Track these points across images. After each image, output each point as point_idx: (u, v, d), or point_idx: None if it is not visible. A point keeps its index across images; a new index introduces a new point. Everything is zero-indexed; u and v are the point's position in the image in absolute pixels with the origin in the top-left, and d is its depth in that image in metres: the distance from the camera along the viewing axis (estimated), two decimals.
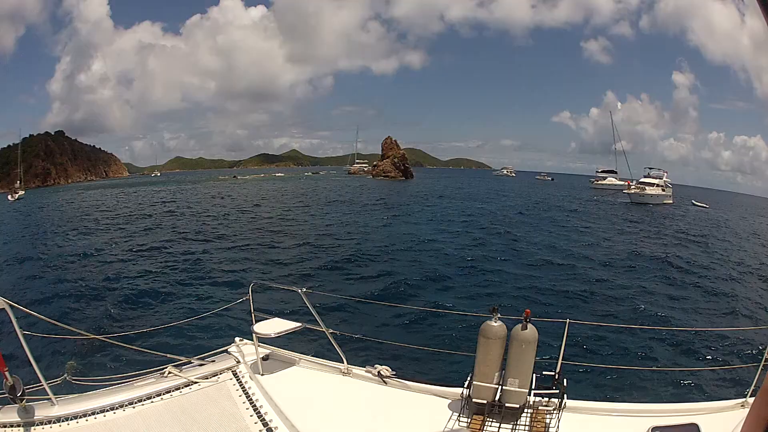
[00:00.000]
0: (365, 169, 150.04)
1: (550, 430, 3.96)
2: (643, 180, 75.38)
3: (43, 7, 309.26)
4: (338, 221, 40.20)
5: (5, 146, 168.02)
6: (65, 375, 4.53)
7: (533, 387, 4.19)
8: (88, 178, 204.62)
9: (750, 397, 4.22)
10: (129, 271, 20.61)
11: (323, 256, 24.16)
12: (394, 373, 4.94)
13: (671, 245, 32.21)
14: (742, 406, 4.22)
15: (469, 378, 4.25)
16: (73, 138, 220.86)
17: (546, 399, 4.23)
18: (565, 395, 4.11)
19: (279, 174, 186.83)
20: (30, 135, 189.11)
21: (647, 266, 24.41)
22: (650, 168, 79.87)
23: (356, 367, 5.12)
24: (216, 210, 48.34)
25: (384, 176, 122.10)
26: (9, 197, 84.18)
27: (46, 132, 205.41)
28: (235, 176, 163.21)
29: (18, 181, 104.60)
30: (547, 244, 29.46)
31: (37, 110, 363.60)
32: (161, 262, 22.31)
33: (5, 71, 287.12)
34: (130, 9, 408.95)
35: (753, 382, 4.28)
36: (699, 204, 77.58)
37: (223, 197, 66.61)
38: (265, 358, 5.22)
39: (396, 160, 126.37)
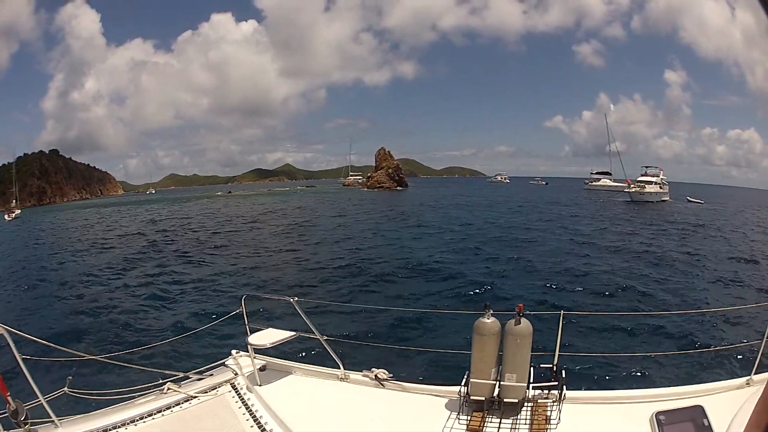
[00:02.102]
0: (360, 181, 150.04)
1: (551, 422, 3.96)
2: (641, 179, 76.51)
3: (35, 23, 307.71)
4: (332, 229, 40.75)
5: None
6: (64, 389, 4.49)
7: (531, 381, 4.20)
8: (83, 197, 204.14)
9: (755, 374, 4.22)
10: (123, 291, 20.50)
11: (314, 265, 24.30)
12: (391, 376, 4.94)
13: (669, 237, 33.70)
14: (747, 384, 4.20)
15: (466, 376, 4.26)
16: (67, 157, 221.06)
17: (545, 392, 4.26)
18: (565, 386, 4.11)
19: (283, 188, 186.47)
20: (24, 154, 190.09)
21: (644, 256, 25.17)
22: (647, 167, 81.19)
23: (353, 372, 5.11)
24: (209, 227, 48.11)
25: (379, 187, 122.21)
26: (6, 216, 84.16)
27: (41, 151, 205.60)
28: (229, 192, 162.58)
29: (14, 200, 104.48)
30: (555, 242, 30.09)
31: (31, 128, 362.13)
32: (154, 281, 22.20)
33: None
34: (122, 26, 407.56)
35: (756, 359, 4.30)
36: (694, 200, 78.80)
37: (216, 215, 66.28)
38: (262, 369, 5.20)
39: (390, 170, 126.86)
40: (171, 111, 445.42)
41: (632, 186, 74.08)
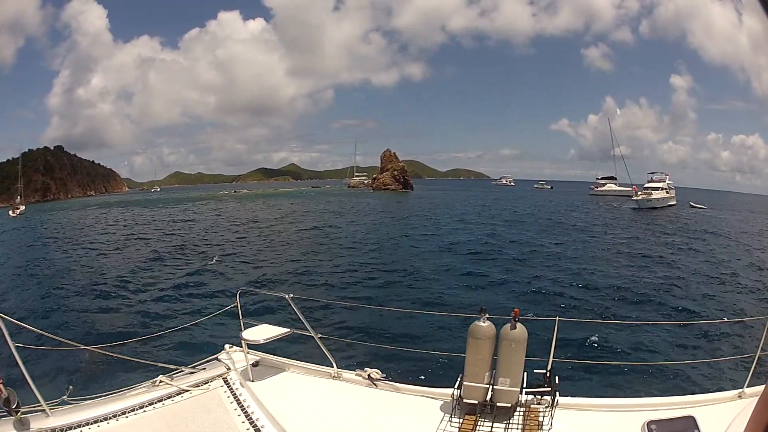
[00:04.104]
0: (365, 182, 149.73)
1: (543, 427, 3.95)
2: (648, 185, 76.53)
3: (42, 19, 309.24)
4: (330, 229, 40.87)
5: (4, 161, 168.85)
6: (66, 393, 4.49)
7: (524, 385, 4.19)
8: (88, 194, 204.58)
9: (747, 387, 4.19)
10: (119, 284, 20.58)
11: (311, 263, 24.39)
12: (384, 375, 4.93)
13: (670, 244, 33.64)
14: (739, 396, 4.18)
15: (459, 379, 4.25)
16: (72, 153, 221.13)
17: (538, 397, 4.25)
18: (557, 392, 4.11)
19: (289, 189, 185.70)
20: (29, 149, 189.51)
21: (642, 263, 25.27)
22: (652, 173, 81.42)
23: (346, 370, 5.10)
24: (206, 226, 48.03)
25: (384, 189, 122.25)
26: (10, 212, 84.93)
27: (45, 147, 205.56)
28: (234, 191, 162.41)
29: (18, 196, 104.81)
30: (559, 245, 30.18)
31: (36, 124, 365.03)
32: (150, 275, 22.29)
33: (4, 84, 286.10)
34: (129, 23, 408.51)
35: (749, 372, 4.29)
36: (696, 205, 78.69)
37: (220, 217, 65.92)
38: (255, 365, 5.18)
39: (396, 172, 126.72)
40: (177, 109, 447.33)
41: (639, 193, 73.97)
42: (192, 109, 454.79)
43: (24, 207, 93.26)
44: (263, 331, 5.10)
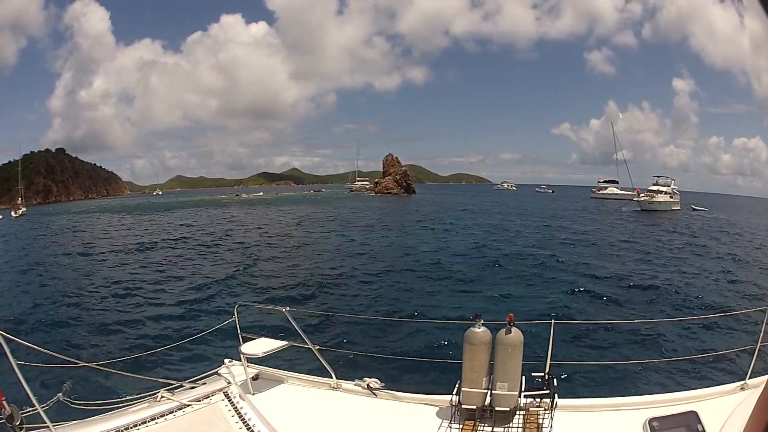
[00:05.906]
0: (367, 186, 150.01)
1: (544, 430, 3.97)
2: (652, 188, 76.72)
3: (44, 20, 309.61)
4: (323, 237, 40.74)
5: (6, 162, 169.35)
6: (59, 395, 4.50)
7: (523, 389, 4.21)
8: (89, 196, 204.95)
9: (749, 378, 4.21)
10: (118, 298, 20.30)
11: (305, 274, 24.21)
12: (383, 385, 4.96)
13: (669, 242, 34.22)
14: (741, 388, 4.19)
15: (457, 385, 4.28)
16: (73, 156, 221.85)
17: (537, 400, 4.26)
18: (556, 394, 4.13)
19: (292, 193, 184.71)
20: (31, 152, 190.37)
21: (639, 260, 25.79)
22: (658, 176, 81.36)
23: (345, 381, 5.13)
24: (206, 233, 47.43)
25: (387, 193, 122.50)
26: (12, 213, 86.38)
27: (47, 149, 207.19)
28: (237, 195, 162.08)
29: (19, 198, 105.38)
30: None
31: (38, 127, 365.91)
32: (150, 287, 22.05)
33: (6, 86, 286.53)
34: (131, 25, 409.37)
35: (750, 364, 4.31)
36: (698, 207, 79.72)
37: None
38: (255, 378, 5.24)
39: (398, 177, 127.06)
40: (179, 112, 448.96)
41: (642, 195, 74.11)
42: (194, 113, 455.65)
43: (25, 208, 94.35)
44: (262, 345, 5.15)
